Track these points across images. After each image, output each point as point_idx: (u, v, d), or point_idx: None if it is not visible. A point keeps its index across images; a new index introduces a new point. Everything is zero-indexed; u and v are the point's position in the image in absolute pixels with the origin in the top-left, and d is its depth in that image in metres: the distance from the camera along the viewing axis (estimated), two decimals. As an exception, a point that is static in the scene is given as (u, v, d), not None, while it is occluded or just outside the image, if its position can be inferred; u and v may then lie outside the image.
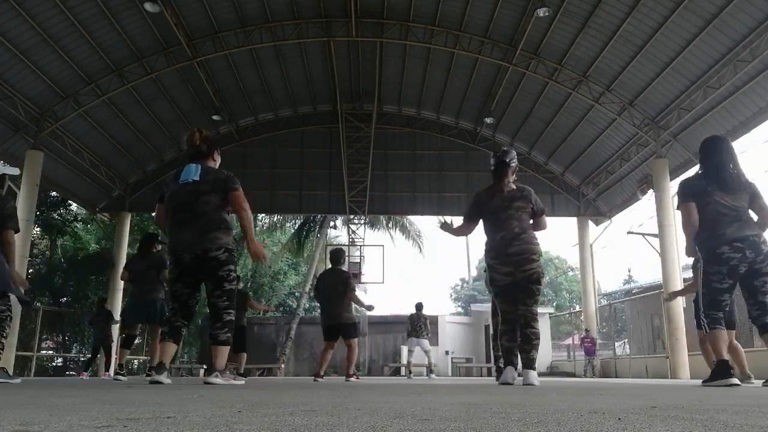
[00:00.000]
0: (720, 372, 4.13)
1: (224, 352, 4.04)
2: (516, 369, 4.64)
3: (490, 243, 4.67)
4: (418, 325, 12.34)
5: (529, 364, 4.46)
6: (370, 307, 8.79)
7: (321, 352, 7.93)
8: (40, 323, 16.13)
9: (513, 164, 4.72)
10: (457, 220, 5.15)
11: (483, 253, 4.87)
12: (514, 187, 4.67)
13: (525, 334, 4.52)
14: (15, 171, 5.51)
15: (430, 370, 13.02)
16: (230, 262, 4.04)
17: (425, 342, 12.48)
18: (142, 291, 6.81)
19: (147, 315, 6.80)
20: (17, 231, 4.98)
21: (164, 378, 4.01)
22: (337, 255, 7.99)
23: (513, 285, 4.58)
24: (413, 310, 12.60)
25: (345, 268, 8.36)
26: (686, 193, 4.27)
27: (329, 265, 8.16)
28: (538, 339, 4.55)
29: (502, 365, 7.50)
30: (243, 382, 4.49)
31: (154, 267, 6.85)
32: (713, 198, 4.15)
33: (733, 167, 4.25)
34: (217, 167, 4.24)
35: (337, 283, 7.61)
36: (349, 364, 7.77)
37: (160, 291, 6.82)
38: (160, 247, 7.18)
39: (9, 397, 2.30)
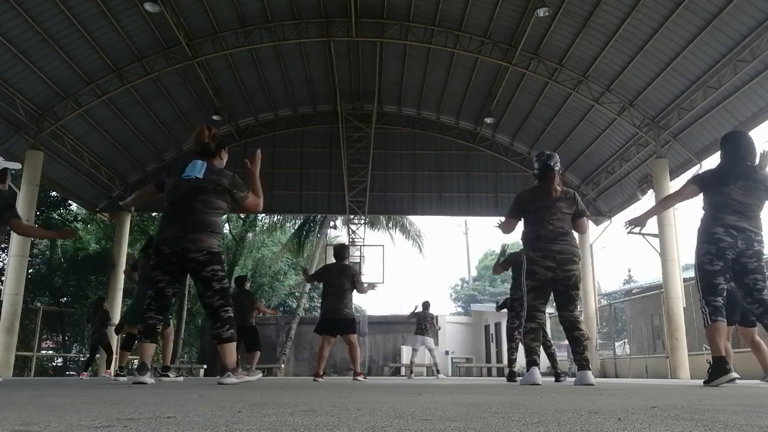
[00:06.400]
0: (717, 370, 4.07)
1: (231, 349, 4.00)
2: (539, 368, 4.67)
3: (532, 235, 4.67)
4: (424, 324, 12.29)
5: (584, 365, 4.48)
6: (372, 285, 8.45)
7: (318, 349, 7.70)
8: (40, 323, 16.15)
9: (557, 167, 4.77)
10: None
11: (521, 246, 4.89)
12: (560, 189, 4.71)
13: (573, 337, 4.57)
14: (16, 165, 5.41)
15: (437, 370, 12.95)
16: (214, 262, 3.98)
17: (430, 341, 12.42)
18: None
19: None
20: (14, 217, 4.97)
21: (147, 378, 3.96)
22: (341, 251, 7.92)
23: (552, 283, 4.61)
24: (420, 309, 12.54)
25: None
26: (696, 179, 4.40)
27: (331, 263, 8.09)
28: (587, 339, 4.64)
29: (515, 368, 7.50)
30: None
31: None
32: (724, 190, 4.18)
33: (751, 163, 4.27)
34: (222, 167, 4.23)
35: (345, 279, 7.53)
36: (354, 362, 7.59)
37: None
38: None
39: (9, 397, 2.30)
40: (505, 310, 8.90)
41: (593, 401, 2.12)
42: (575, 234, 4.80)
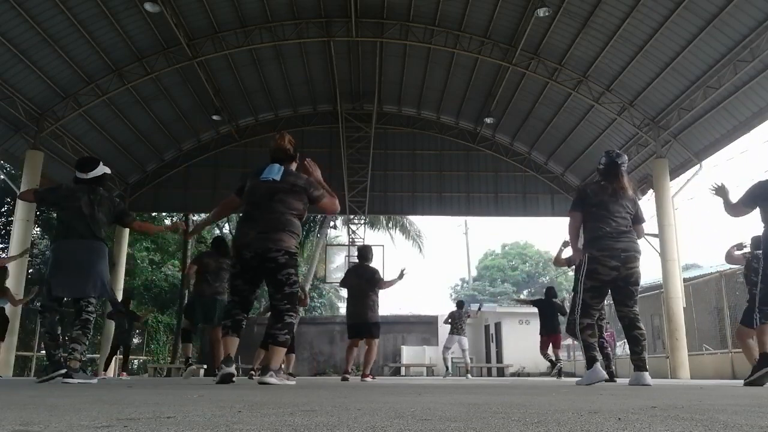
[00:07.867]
0: (761, 364, 4.24)
1: (281, 352, 4.08)
2: (600, 364, 4.59)
3: (595, 234, 4.54)
4: (460, 323, 12.32)
5: (641, 365, 4.42)
6: (402, 274, 7.92)
7: (346, 350, 7.95)
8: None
9: (624, 167, 4.69)
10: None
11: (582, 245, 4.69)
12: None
13: (632, 336, 4.49)
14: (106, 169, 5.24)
15: (467, 370, 13.02)
16: (290, 265, 4.04)
17: (465, 341, 12.47)
18: (213, 291, 6.77)
19: (207, 315, 6.73)
20: (134, 219, 5.17)
21: (232, 369, 4.04)
22: (364, 252, 7.92)
23: (613, 282, 4.53)
24: (455, 309, 12.59)
25: (372, 264, 7.98)
26: (755, 195, 4.40)
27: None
28: (645, 339, 4.52)
29: (558, 370, 7.49)
30: (294, 382, 4.49)
31: (227, 269, 6.65)
32: None
33: None
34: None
35: (362, 281, 7.57)
36: (366, 364, 7.71)
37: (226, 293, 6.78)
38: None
39: (9, 397, 2.30)
40: (535, 309, 8.93)
41: (593, 401, 2.12)
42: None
